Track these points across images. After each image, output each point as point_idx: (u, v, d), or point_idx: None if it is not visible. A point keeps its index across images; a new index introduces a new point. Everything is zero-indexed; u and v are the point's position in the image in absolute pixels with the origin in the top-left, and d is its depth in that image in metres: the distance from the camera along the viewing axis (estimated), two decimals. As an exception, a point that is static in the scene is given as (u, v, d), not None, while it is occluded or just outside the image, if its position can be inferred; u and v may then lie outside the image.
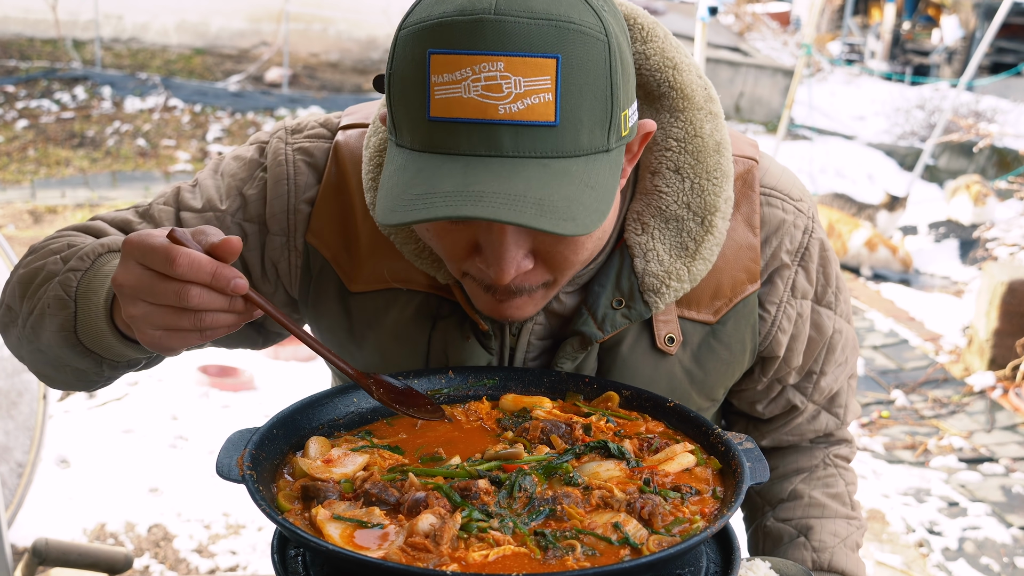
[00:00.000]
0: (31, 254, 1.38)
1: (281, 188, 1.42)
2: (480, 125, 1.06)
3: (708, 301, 1.39)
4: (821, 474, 1.59)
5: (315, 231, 1.42)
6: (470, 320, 1.37)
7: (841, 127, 12.28)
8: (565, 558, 1.02)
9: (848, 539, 1.55)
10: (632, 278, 1.34)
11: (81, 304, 1.24)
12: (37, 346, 1.32)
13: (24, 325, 1.32)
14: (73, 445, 4.42)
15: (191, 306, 1.07)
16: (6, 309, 1.37)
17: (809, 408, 1.56)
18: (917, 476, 4.87)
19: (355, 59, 13.83)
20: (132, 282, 1.08)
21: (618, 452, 1.21)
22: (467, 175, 1.05)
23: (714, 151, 1.33)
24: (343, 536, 1.03)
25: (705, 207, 1.33)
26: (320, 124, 1.46)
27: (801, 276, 1.44)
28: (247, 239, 1.43)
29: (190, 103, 11.14)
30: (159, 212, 1.44)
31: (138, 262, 1.07)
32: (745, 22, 16.69)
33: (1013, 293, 5.87)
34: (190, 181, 1.48)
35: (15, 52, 12.35)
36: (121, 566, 2.72)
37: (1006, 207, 9.10)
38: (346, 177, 1.41)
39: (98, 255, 1.28)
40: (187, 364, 5.05)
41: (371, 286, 1.40)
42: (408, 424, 1.32)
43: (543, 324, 1.39)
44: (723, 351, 1.42)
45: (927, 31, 17.08)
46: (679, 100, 1.33)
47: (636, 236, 1.34)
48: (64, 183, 8.82)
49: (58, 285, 1.26)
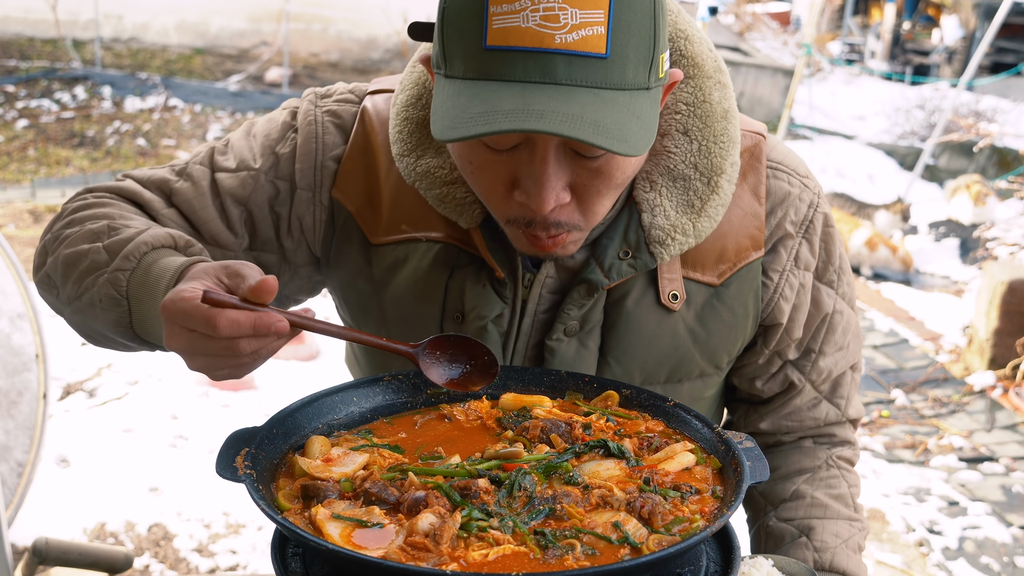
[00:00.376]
0: (69, 225, 1.41)
1: (310, 146, 1.48)
2: (536, 54, 1.11)
3: (712, 264, 1.43)
4: (824, 475, 1.59)
5: (340, 186, 1.48)
6: (487, 269, 1.41)
7: (841, 127, 12.28)
8: (565, 557, 1.02)
9: (850, 540, 1.54)
10: (639, 231, 1.39)
11: (135, 304, 1.29)
12: (84, 319, 1.39)
13: (70, 302, 1.39)
14: (73, 445, 4.42)
15: (244, 354, 1.12)
16: (45, 276, 1.42)
17: (807, 390, 1.57)
18: (917, 475, 4.87)
19: (355, 59, 13.83)
20: (183, 345, 1.13)
21: (618, 451, 1.21)
22: (525, 97, 1.11)
23: (721, 117, 1.39)
24: (343, 535, 1.03)
25: (711, 168, 1.38)
26: (348, 90, 1.53)
27: (804, 248, 1.48)
28: (279, 195, 1.49)
29: (190, 103, 11.15)
30: (197, 172, 1.49)
31: (182, 326, 1.12)
32: (745, 22, 16.69)
33: (1013, 293, 5.87)
34: (222, 141, 1.54)
35: (15, 52, 12.35)
36: (121, 566, 2.72)
37: (1006, 207, 9.10)
38: (372, 137, 1.48)
39: (143, 253, 1.31)
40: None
41: (392, 237, 1.46)
42: (408, 423, 1.32)
43: (554, 277, 1.42)
44: (726, 313, 1.45)
45: (927, 31, 17.08)
46: (690, 68, 1.39)
47: (644, 193, 1.39)
48: (64, 183, 8.82)
49: (107, 283, 1.31)
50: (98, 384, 5.04)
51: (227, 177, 1.48)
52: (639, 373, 1.45)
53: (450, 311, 1.44)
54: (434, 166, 1.40)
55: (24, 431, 3.55)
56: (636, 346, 1.43)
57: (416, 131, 1.42)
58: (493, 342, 1.42)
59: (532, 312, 1.43)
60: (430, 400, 1.36)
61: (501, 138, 1.19)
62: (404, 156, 1.42)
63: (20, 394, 3.56)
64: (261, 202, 1.48)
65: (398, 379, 1.36)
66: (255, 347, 1.12)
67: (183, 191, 1.48)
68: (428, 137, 1.41)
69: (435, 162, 1.40)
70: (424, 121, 1.42)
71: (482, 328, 1.42)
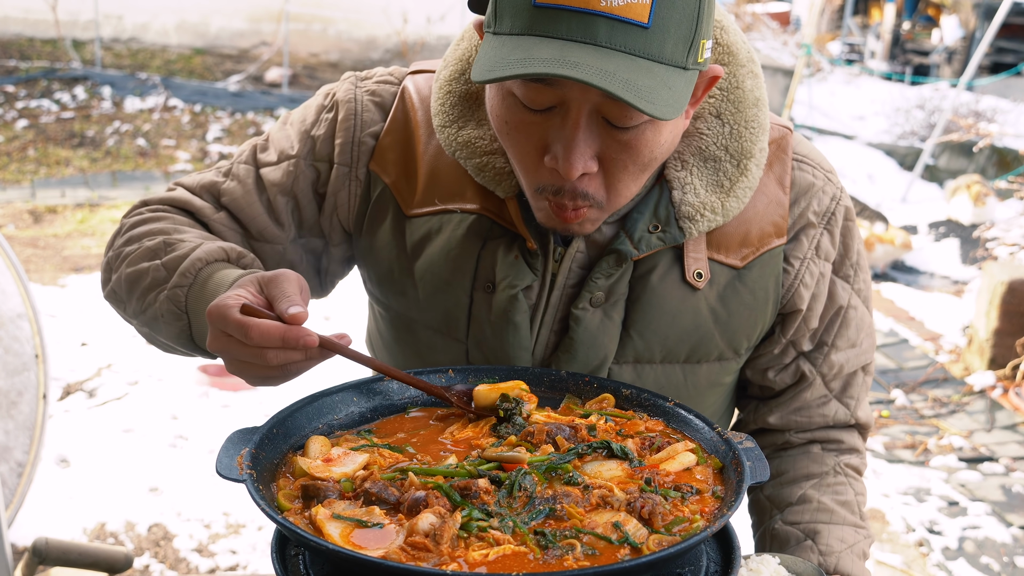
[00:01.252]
0: (129, 243, 1.49)
1: (348, 123, 1.53)
2: (581, 14, 1.16)
3: (736, 247, 1.47)
4: (831, 481, 1.59)
5: (378, 160, 1.52)
6: (519, 241, 1.44)
7: (841, 127, 12.27)
8: (565, 557, 1.02)
9: (855, 546, 1.54)
10: (669, 207, 1.43)
11: (194, 317, 1.38)
12: (151, 331, 1.48)
13: (136, 316, 1.48)
14: (73, 445, 4.42)
15: (273, 365, 1.20)
16: (112, 292, 1.51)
17: (818, 383, 1.58)
18: (917, 475, 4.87)
19: (355, 59, 13.82)
20: (221, 347, 1.22)
21: (621, 452, 1.21)
22: (564, 50, 1.16)
23: (753, 104, 1.44)
24: (343, 535, 1.03)
25: (742, 151, 1.43)
26: (388, 72, 1.59)
27: (826, 238, 1.52)
28: (319, 177, 1.55)
29: (190, 103, 11.14)
30: (242, 171, 1.56)
31: (221, 331, 1.21)
32: (745, 22, 16.68)
33: (1013, 293, 5.87)
34: (262, 137, 1.61)
35: (15, 52, 12.35)
36: (121, 565, 2.72)
37: (1006, 207, 9.10)
38: (411, 114, 1.52)
39: (199, 269, 1.39)
40: (187, 364, 5.05)
41: (427, 209, 1.49)
42: (408, 423, 1.32)
43: (584, 252, 1.45)
44: (747, 295, 1.48)
45: (927, 31, 17.08)
46: (724, 55, 1.44)
47: (676, 172, 1.44)
48: (64, 183, 8.82)
49: (168, 300, 1.40)
50: (98, 384, 5.04)
51: (271, 171, 1.55)
52: (660, 348, 1.47)
53: (481, 281, 1.47)
54: (475, 136, 1.45)
55: (24, 431, 3.55)
56: (659, 321, 1.45)
57: (459, 103, 1.47)
58: (522, 312, 1.45)
59: (561, 285, 1.46)
60: (430, 400, 1.36)
61: (536, 96, 1.24)
62: (446, 127, 1.46)
63: (20, 394, 3.56)
64: (305, 187, 1.54)
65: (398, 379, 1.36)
66: (283, 359, 1.19)
67: (230, 191, 1.55)
68: (470, 109, 1.46)
69: (476, 132, 1.45)
70: (467, 94, 1.47)
71: (512, 297, 1.44)
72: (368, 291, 1.65)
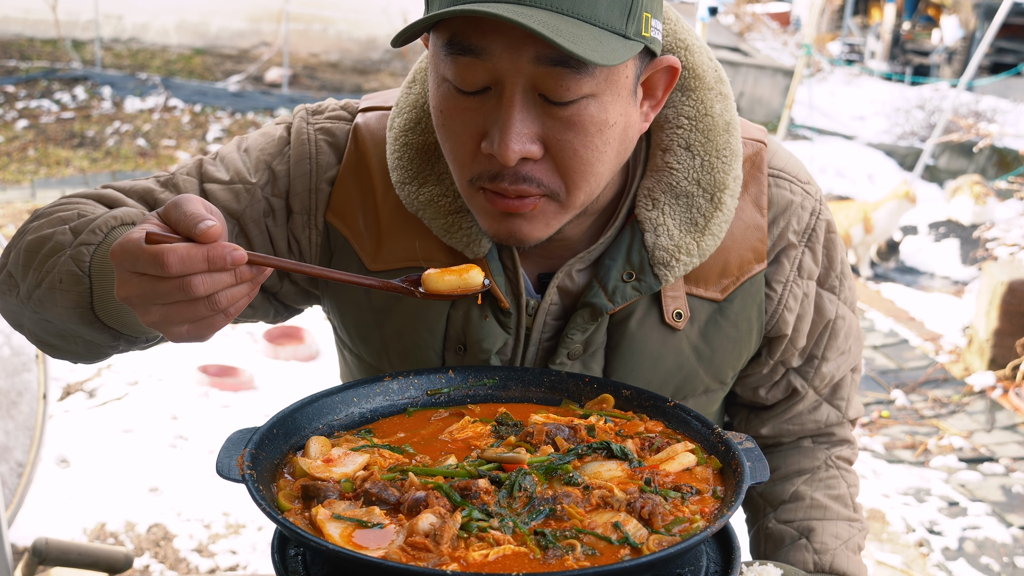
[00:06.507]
0: (37, 219, 1.35)
1: (304, 167, 1.45)
2: None
3: (716, 279, 1.41)
4: (823, 475, 1.59)
5: (335, 210, 1.45)
6: (491, 298, 1.39)
7: (841, 127, 12.27)
8: (565, 558, 1.02)
9: (850, 541, 1.54)
10: (643, 252, 1.37)
11: (97, 280, 1.22)
12: (43, 316, 1.30)
13: (29, 295, 1.30)
14: (73, 445, 4.42)
15: (200, 295, 1.04)
16: (7, 275, 1.34)
17: (810, 395, 1.57)
18: (917, 476, 4.87)
19: (355, 59, 13.82)
20: (135, 291, 1.05)
21: (621, 453, 1.21)
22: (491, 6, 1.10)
23: (724, 130, 1.37)
24: (343, 536, 1.03)
25: (715, 184, 1.37)
26: (340, 107, 1.50)
27: (807, 257, 1.47)
28: (274, 214, 1.45)
29: (190, 103, 11.14)
30: (183, 182, 1.44)
31: (131, 271, 1.05)
32: (745, 22, 16.68)
33: (1013, 293, 5.87)
34: (210, 154, 1.49)
35: (15, 52, 12.35)
36: (121, 566, 2.73)
37: (1006, 207, 9.09)
38: (366, 157, 1.44)
39: (111, 228, 1.25)
40: (187, 364, 5.05)
41: (391, 265, 1.42)
42: (408, 423, 1.32)
43: (558, 304, 1.41)
44: (730, 328, 1.44)
45: (927, 31, 17.07)
46: (690, 79, 1.37)
47: (647, 211, 1.37)
48: (64, 183, 8.81)
49: (70, 260, 1.23)
50: (98, 384, 5.04)
51: (219, 188, 1.44)
52: None
53: (452, 342, 1.42)
54: (437, 194, 1.38)
55: (24, 431, 3.55)
56: (640, 367, 1.42)
57: (416, 157, 1.39)
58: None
59: (536, 340, 1.42)
60: (430, 401, 1.36)
61: (467, 74, 1.18)
62: (405, 184, 1.40)
63: (20, 394, 3.56)
64: (256, 217, 1.44)
65: (398, 379, 1.36)
66: (211, 285, 1.04)
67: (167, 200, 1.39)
68: (429, 164, 1.39)
69: (437, 190, 1.38)
70: (424, 146, 1.40)
71: (485, 361, 1.41)
72: (338, 337, 1.60)
